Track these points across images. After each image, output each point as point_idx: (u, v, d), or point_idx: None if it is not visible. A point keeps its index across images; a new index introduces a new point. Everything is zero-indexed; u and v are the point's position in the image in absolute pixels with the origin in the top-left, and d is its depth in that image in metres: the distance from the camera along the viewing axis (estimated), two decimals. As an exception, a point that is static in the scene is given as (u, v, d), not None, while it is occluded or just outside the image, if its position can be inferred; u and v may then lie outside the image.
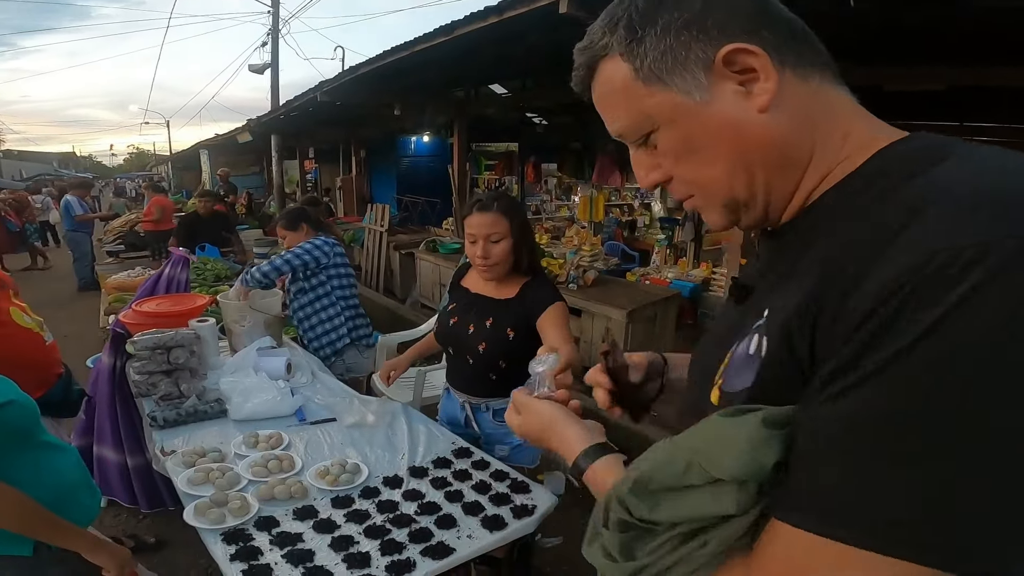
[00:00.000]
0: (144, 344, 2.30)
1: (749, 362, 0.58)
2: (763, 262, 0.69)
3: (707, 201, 0.64)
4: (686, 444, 0.55)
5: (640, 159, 0.66)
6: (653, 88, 0.61)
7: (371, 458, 1.90)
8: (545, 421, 0.82)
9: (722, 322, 0.74)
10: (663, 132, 0.62)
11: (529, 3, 3.22)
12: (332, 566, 1.38)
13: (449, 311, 2.13)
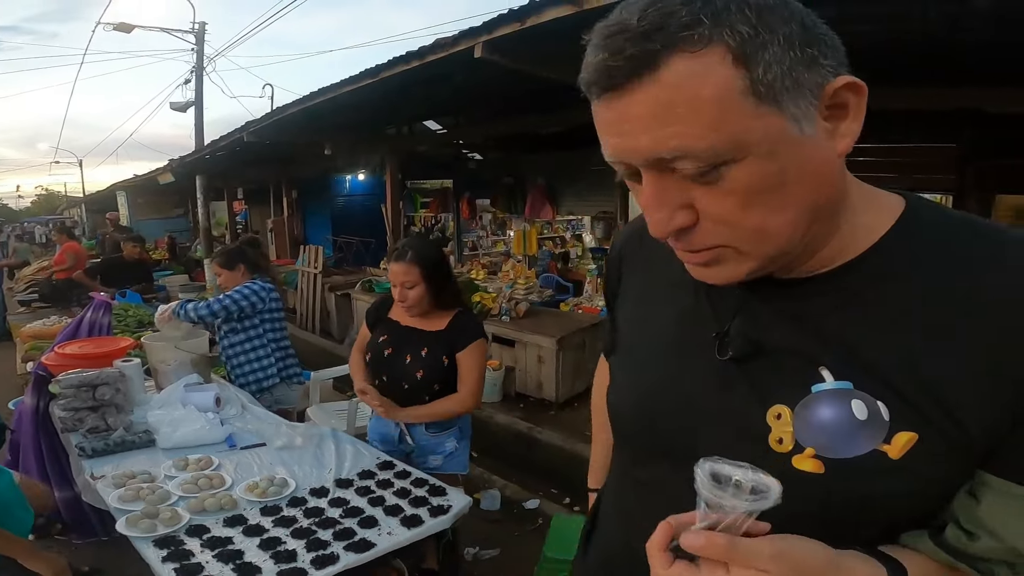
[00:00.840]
0: (69, 383, 2.44)
1: (859, 429, 0.55)
2: (774, 314, 0.65)
3: (754, 249, 0.57)
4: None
5: (668, 195, 0.56)
6: (764, 109, 0.52)
7: (299, 474, 2.11)
8: (814, 567, 0.56)
9: (700, 376, 0.69)
10: (750, 164, 0.53)
11: (447, 48, 3.58)
12: (260, 562, 1.58)
13: (382, 342, 2.37)
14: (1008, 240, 0.59)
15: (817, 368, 0.59)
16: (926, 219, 0.62)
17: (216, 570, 1.55)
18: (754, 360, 0.65)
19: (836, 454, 0.56)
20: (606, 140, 0.57)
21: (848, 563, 0.58)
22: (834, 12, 2.39)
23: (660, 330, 0.76)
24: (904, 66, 3.50)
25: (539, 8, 2.87)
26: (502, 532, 3.20)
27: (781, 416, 0.60)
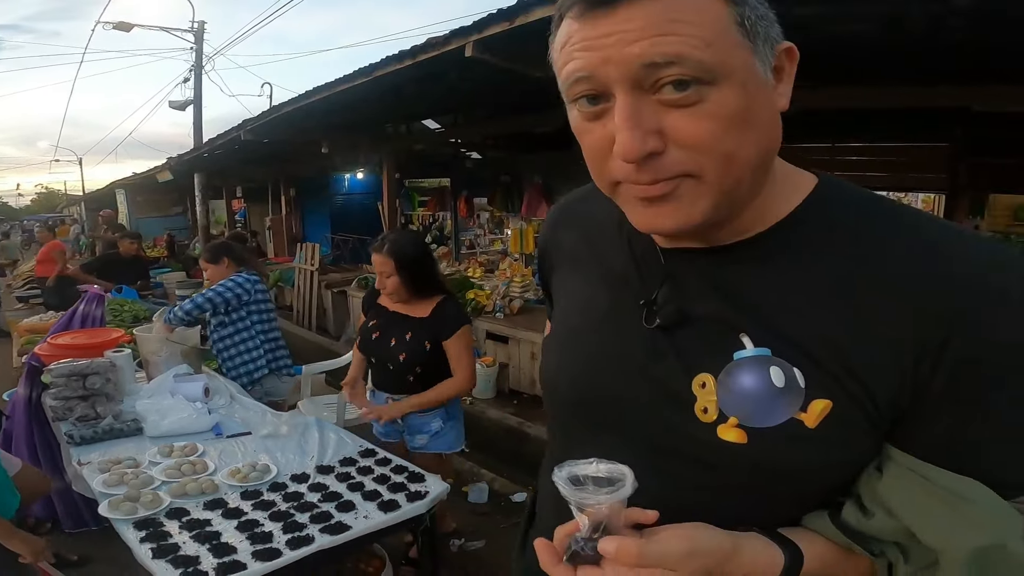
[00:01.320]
0: (60, 372, 2.51)
1: (777, 396, 0.58)
2: (699, 283, 0.67)
3: (718, 178, 0.57)
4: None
5: (641, 114, 0.56)
6: (745, 44, 0.56)
7: (282, 461, 2.17)
8: (711, 563, 0.59)
9: (629, 345, 0.70)
10: (725, 90, 0.55)
11: (439, 48, 3.64)
12: (236, 543, 1.65)
13: (371, 327, 2.58)
14: (908, 218, 0.62)
15: (738, 335, 0.61)
16: (836, 195, 0.65)
17: (192, 550, 1.61)
18: (680, 328, 0.66)
19: (757, 423, 0.59)
20: (579, 57, 0.57)
21: (749, 547, 0.61)
22: (827, 10, 2.44)
23: (592, 302, 0.77)
24: (893, 65, 3.55)
25: (527, 7, 2.93)
26: (489, 524, 3.25)
27: (706, 385, 0.63)
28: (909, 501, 0.59)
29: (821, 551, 0.63)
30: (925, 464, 0.59)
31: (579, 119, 0.61)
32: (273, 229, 11.64)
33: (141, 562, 1.59)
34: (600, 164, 0.61)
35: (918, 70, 3.54)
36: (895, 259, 0.59)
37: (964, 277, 0.57)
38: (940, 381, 0.57)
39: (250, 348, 3.34)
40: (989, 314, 0.56)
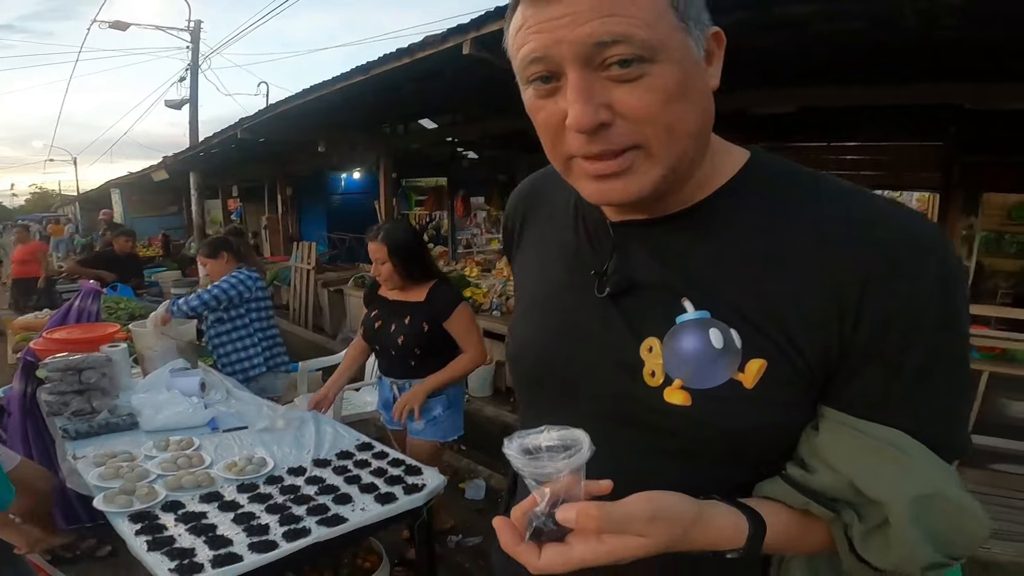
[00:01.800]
0: (55, 366, 2.49)
1: (717, 358, 0.61)
2: (644, 253, 0.70)
3: (661, 149, 0.62)
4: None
5: (592, 89, 0.60)
6: (680, 26, 0.60)
7: (279, 454, 2.16)
8: (671, 541, 0.58)
9: (583, 315, 0.73)
10: (664, 67, 0.59)
11: (436, 46, 3.64)
12: (233, 535, 1.63)
13: (372, 316, 2.67)
14: (836, 188, 0.66)
15: (681, 300, 0.64)
16: (765, 168, 0.70)
17: (188, 542, 1.60)
18: (628, 296, 0.70)
19: (699, 384, 0.62)
20: (533, 39, 0.61)
21: (713, 514, 0.61)
22: (822, 8, 2.45)
23: (550, 276, 0.81)
24: (887, 64, 3.56)
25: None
26: (486, 521, 3.24)
27: (652, 349, 0.66)
28: (846, 454, 0.62)
29: (783, 519, 0.65)
30: (854, 418, 0.63)
31: (533, 98, 0.65)
32: (270, 228, 11.62)
33: (136, 555, 1.57)
34: (554, 138, 0.65)
35: (912, 69, 3.56)
36: (819, 227, 0.63)
37: (879, 242, 0.61)
38: (862, 338, 0.61)
39: (247, 345, 3.32)
40: (900, 275, 0.60)
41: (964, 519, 0.62)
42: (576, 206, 0.80)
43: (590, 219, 0.77)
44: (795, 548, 0.68)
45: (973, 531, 0.62)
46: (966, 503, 0.61)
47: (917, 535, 0.60)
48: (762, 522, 0.63)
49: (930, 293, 0.60)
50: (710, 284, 0.65)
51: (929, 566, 0.62)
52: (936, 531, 0.61)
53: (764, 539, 0.63)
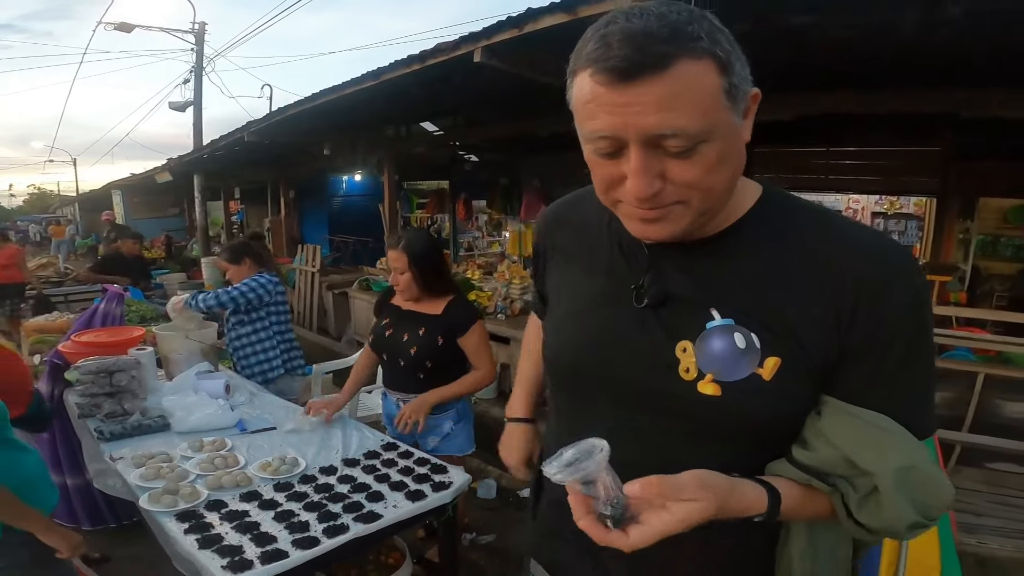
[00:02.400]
0: (88, 368, 2.56)
1: (741, 355, 0.75)
2: (676, 272, 0.83)
3: (700, 205, 0.74)
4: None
5: (650, 165, 0.71)
6: (729, 105, 0.71)
7: (308, 455, 2.24)
8: (717, 507, 0.71)
9: (623, 321, 0.86)
10: (713, 144, 0.70)
11: (448, 53, 3.72)
12: (276, 532, 1.71)
13: (384, 324, 2.67)
14: (832, 220, 0.83)
15: (709, 309, 0.79)
16: (777, 200, 0.85)
17: (235, 540, 1.67)
18: (663, 307, 0.83)
19: (727, 377, 0.77)
20: (603, 118, 0.70)
21: (743, 485, 0.76)
22: (822, 19, 2.54)
23: (587, 289, 0.93)
24: (885, 71, 3.65)
25: (536, 15, 3.01)
26: (498, 519, 3.33)
27: (686, 350, 0.80)
28: (843, 433, 0.77)
29: (793, 491, 0.79)
30: (847, 404, 0.78)
31: (594, 156, 0.76)
32: (272, 230, 11.66)
33: (186, 553, 1.65)
34: (608, 188, 0.77)
35: (908, 76, 3.65)
36: (822, 254, 0.79)
37: (868, 265, 0.77)
38: (854, 341, 0.77)
39: (266, 348, 3.40)
40: (884, 292, 0.76)
41: (935, 486, 0.78)
42: (610, 228, 0.92)
43: (626, 241, 0.89)
44: (804, 515, 0.82)
45: (943, 496, 0.78)
46: (936, 473, 0.78)
47: (901, 499, 0.75)
48: (778, 493, 0.77)
49: (907, 311, 0.77)
50: (733, 297, 0.79)
51: (912, 525, 0.77)
52: (915, 496, 0.76)
53: (781, 506, 0.77)
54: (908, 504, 0.76)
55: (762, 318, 0.78)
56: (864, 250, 0.78)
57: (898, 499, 0.75)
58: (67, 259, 14.80)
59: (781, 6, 2.67)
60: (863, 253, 0.78)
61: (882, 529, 0.78)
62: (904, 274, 0.78)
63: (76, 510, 2.87)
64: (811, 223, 0.82)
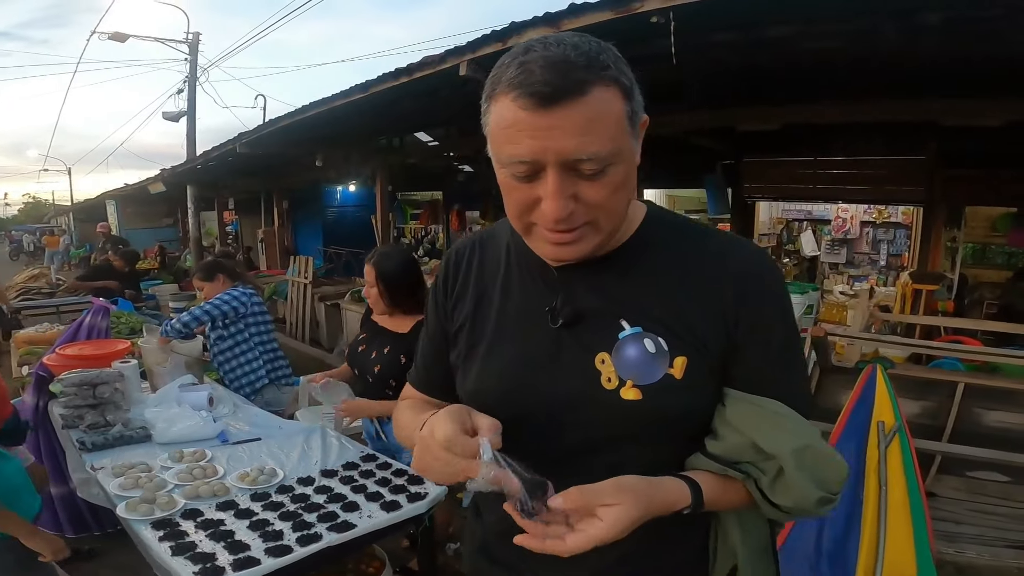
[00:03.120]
0: (71, 381, 2.61)
1: (653, 359, 0.83)
2: (585, 289, 0.89)
3: (605, 224, 0.81)
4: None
5: (566, 187, 0.76)
6: (630, 131, 0.78)
7: (288, 465, 2.28)
8: (641, 506, 0.77)
9: (542, 344, 0.91)
10: (619, 167, 0.77)
11: (434, 66, 3.79)
12: (249, 540, 1.75)
13: (359, 339, 2.72)
14: (706, 230, 0.94)
15: (619, 320, 0.86)
16: (660, 216, 0.94)
17: (209, 547, 1.72)
18: (578, 324, 0.89)
19: (645, 381, 0.84)
20: (526, 143, 0.75)
21: (661, 481, 0.83)
22: (801, 29, 2.61)
23: (503, 317, 0.97)
24: (868, 81, 3.72)
25: (520, 29, 3.08)
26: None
27: (604, 361, 0.86)
28: (745, 418, 0.86)
29: (711, 481, 0.86)
30: (746, 393, 0.87)
31: (509, 179, 0.80)
32: (266, 241, 11.73)
33: (160, 560, 1.69)
34: (523, 212, 0.82)
35: (891, 86, 3.72)
36: (706, 261, 0.88)
37: (744, 270, 0.87)
38: (741, 335, 0.86)
39: (250, 360, 3.45)
40: (758, 288, 0.87)
41: (829, 462, 0.86)
42: (510, 260, 0.98)
43: (533, 266, 0.94)
44: (725, 503, 0.89)
45: (838, 470, 0.87)
46: (828, 450, 0.87)
47: (803, 477, 0.83)
48: (698, 485, 0.85)
49: (776, 302, 0.89)
50: (638, 307, 0.87)
51: (819, 501, 0.85)
52: (814, 473, 0.84)
53: (703, 497, 0.84)
54: (810, 481, 0.83)
55: (666, 322, 0.85)
56: (736, 253, 0.89)
57: (800, 477, 0.83)
58: (60, 269, 14.86)
59: (764, 17, 2.74)
60: (736, 256, 0.89)
61: (795, 508, 0.86)
62: (769, 271, 0.90)
63: (60, 518, 2.92)
64: (691, 234, 0.92)
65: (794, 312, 0.93)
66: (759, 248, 0.95)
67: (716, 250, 0.89)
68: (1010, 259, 7.15)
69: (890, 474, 2.31)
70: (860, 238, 9.31)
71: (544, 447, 0.88)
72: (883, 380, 2.42)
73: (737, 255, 0.89)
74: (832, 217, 9.33)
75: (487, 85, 0.79)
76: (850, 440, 2.41)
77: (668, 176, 6.68)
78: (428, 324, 1.11)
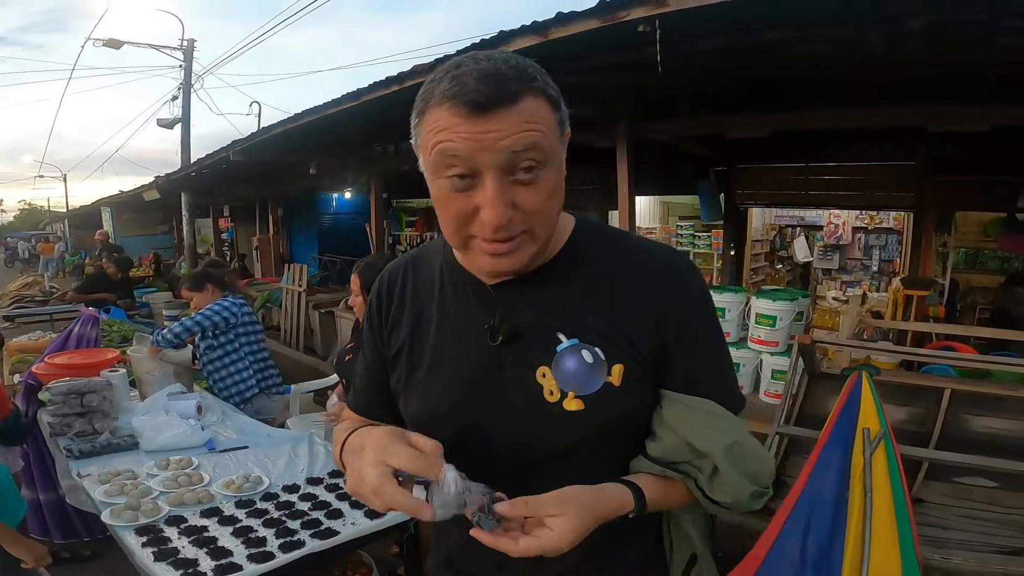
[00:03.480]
0: (59, 390, 2.62)
1: (591, 369, 0.85)
2: (521, 304, 0.91)
3: (541, 232, 0.83)
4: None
5: (504, 193, 0.78)
6: (559, 138, 0.82)
7: (274, 473, 2.30)
8: (586, 515, 0.80)
9: (482, 361, 0.91)
10: (549, 171, 0.80)
11: (423, 75, 3.82)
12: (232, 547, 1.77)
13: (347, 348, 2.75)
14: (632, 239, 0.98)
15: (556, 333, 0.88)
16: (589, 229, 0.97)
17: (191, 554, 1.73)
18: (517, 339, 0.91)
19: (586, 391, 0.86)
20: (460, 143, 0.76)
21: (604, 489, 0.86)
22: (790, 35, 2.64)
23: (441, 338, 0.96)
24: (857, 86, 3.76)
25: (508, 38, 3.12)
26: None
27: (545, 375, 0.88)
28: (680, 418, 0.89)
29: (652, 484, 0.90)
30: (679, 394, 0.90)
31: (446, 190, 0.81)
32: (260, 249, 11.73)
33: (143, 565, 1.70)
34: (461, 224, 0.82)
35: (880, 91, 3.76)
36: (631, 269, 0.92)
37: (666, 272, 0.91)
38: (670, 337, 0.90)
39: (240, 369, 3.47)
40: (682, 294, 0.91)
41: (757, 456, 0.91)
42: (444, 280, 0.98)
43: (467, 285, 0.95)
44: (668, 503, 0.92)
45: (765, 465, 0.92)
46: (756, 446, 0.91)
47: (735, 472, 0.87)
48: (639, 488, 0.88)
49: (699, 303, 0.93)
50: (572, 318, 0.89)
51: (752, 495, 0.90)
52: (745, 468, 0.88)
53: (646, 499, 0.87)
54: (742, 476, 0.88)
55: (601, 331, 0.88)
56: (660, 260, 0.93)
57: (732, 473, 0.87)
58: (55, 276, 14.85)
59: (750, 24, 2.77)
60: (660, 262, 0.93)
61: (733, 503, 0.90)
62: (691, 274, 0.94)
63: (49, 524, 2.94)
64: (618, 243, 0.96)
65: (716, 312, 0.98)
66: (679, 253, 1.00)
67: (640, 258, 0.93)
68: (1003, 264, 7.19)
69: (875, 480, 2.32)
70: (852, 244, 9.36)
71: (493, 463, 0.89)
72: (869, 387, 2.44)
73: (660, 261, 0.93)
74: (825, 223, 9.38)
75: (418, 102, 0.82)
76: (836, 447, 2.43)
77: (661, 182, 6.71)
78: (365, 351, 1.10)
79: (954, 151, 4.48)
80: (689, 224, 10.41)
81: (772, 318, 3.70)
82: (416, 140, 0.84)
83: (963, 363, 3.47)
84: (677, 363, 0.91)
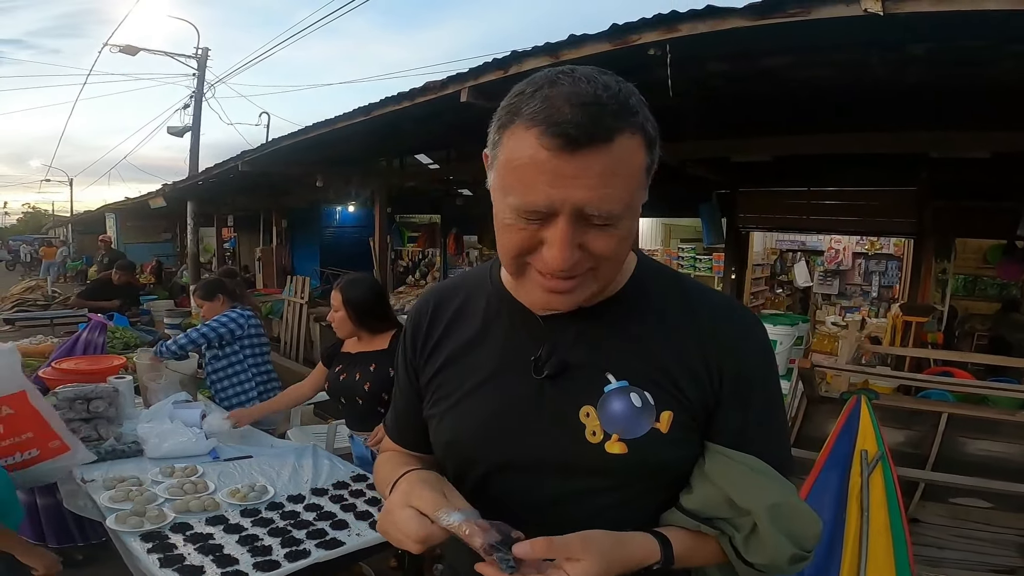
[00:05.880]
0: (66, 395, 2.64)
1: (640, 413, 0.82)
2: (571, 340, 0.87)
3: (605, 274, 0.80)
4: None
5: (575, 236, 0.73)
6: (645, 183, 0.77)
7: (278, 483, 2.32)
8: (609, 561, 0.77)
9: (524, 394, 0.88)
10: (628, 220, 0.75)
11: (436, 92, 3.88)
12: (238, 555, 1.78)
13: (337, 371, 2.76)
14: (691, 283, 0.94)
15: (605, 373, 0.85)
16: (649, 267, 0.94)
17: (197, 560, 1.75)
18: (563, 375, 0.87)
19: (631, 435, 0.83)
20: (543, 189, 0.70)
21: (629, 539, 0.82)
22: (792, 60, 2.69)
23: (484, 364, 0.93)
24: (858, 112, 3.82)
25: (520, 58, 3.18)
26: (471, 552, 3.36)
27: (589, 414, 0.85)
28: (723, 472, 0.85)
29: (684, 538, 0.86)
30: (726, 448, 0.86)
31: (514, 218, 0.76)
32: (263, 260, 11.76)
33: (148, 572, 1.71)
34: (521, 255, 0.78)
35: (881, 117, 3.81)
36: (687, 312, 0.88)
37: (725, 323, 0.88)
38: (725, 391, 0.87)
39: (242, 380, 3.50)
40: (742, 345, 0.88)
41: (804, 518, 0.86)
42: (489, 308, 0.94)
43: (515, 314, 0.91)
44: (698, 559, 0.88)
45: (812, 527, 0.86)
46: (803, 508, 0.86)
47: (777, 533, 0.83)
48: (668, 540, 0.84)
49: (761, 361, 0.90)
50: (625, 359, 0.86)
51: (792, 559, 0.84)
52: (789, 529, 0.83)
53: (674, 552, 0.83)
54: (784, 538, 0.83)
55: (652, 376, 0.85)
56: (720, 310, 0.90)
57: (774, 534, 0.82)
58: (57, 281, 14.85)
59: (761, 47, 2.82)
60: (720, 312, 0.90)
61: (768, 565, 0.85)
62: (753, 328, 0.91)
63: (44, 528, 2.93)
64: (678, 287, 0.92)
65: (777, 367, 0.95)
66: (743, 307, 0.96)
67: (703, 306, 0.89)
68: (1001, 291, 7.22)
69: (872, 501, 2.34)
70: (852, 269, 9.40)
71: (523, 498, 0.88)
72: (867, 410, 2.47)
73: (722, 313, 0.90)
74: (825, 248, 9.43)
75: (502, 113, 0.75)
76: (833, 468, 2.46)
77: (664, 204, 6.77)
78: (399, 379, 1.07)
79: (955, 177, 4.52)
80: (691, 246, 10.47)
81: (772, 342, 3.72)
82: (492, 150, 0.78)
83: (960, 388, 3.50)
84: (729, 418, 0.87)
